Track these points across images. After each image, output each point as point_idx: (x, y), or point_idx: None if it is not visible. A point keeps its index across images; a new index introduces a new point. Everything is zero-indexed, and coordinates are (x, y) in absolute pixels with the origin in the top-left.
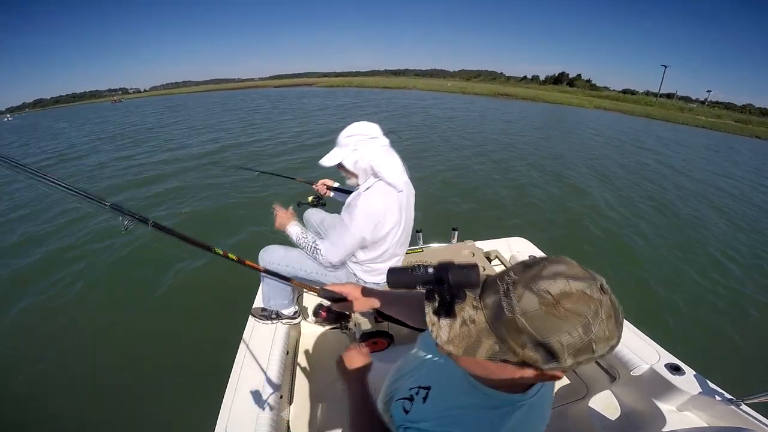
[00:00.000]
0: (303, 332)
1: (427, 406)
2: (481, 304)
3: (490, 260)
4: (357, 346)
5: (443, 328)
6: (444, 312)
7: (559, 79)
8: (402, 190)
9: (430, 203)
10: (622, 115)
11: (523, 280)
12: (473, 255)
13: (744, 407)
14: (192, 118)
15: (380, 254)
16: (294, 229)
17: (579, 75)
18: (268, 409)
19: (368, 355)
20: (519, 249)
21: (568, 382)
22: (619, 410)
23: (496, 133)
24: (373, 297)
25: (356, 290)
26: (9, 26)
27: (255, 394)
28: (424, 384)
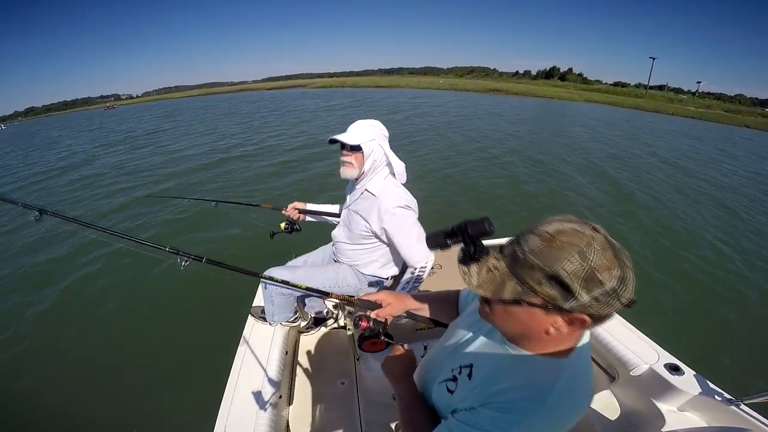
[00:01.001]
0: (303, 333)
1: (474, 382)
2: (500, 255)
3: None
4: (402, 347)
5: (473, 276)
6: (471, 259)
7: (550, 74)
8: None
9: (429, 202)
10: (613, 108)
11: (529, 229)
12: None
13: (744, 407)
14: (190, 123)
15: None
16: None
17: (570, 69)
18: (268, 409)
19: (413, 356)
20: None
21: None
22: (619, 410)
23: (482, 129)
24: (406, 299)
25: (389, 296)
26: None
27: (254, 394)
28: (465, 363)
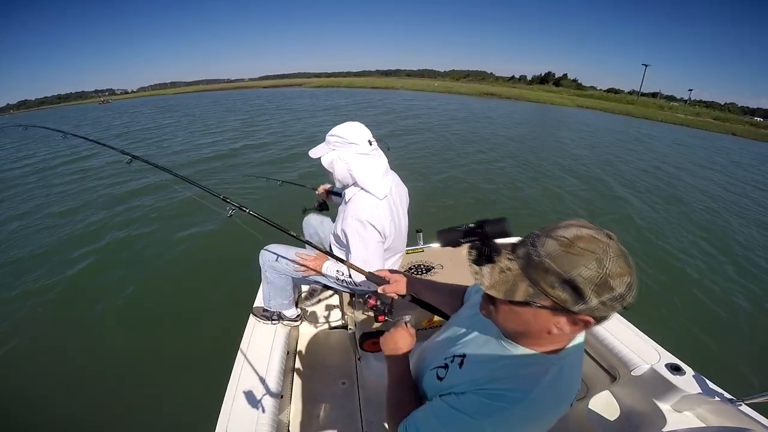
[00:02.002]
0: (303, 332)
1: (464, 371)
2: (514, 255)
3: None
4: (403, 325)
5: (485, 276)
6: (485, 259)
7: (545, 79)
8: (383, 197)
9: (428, 202)
10: (603, 113)
11: (545, 232)
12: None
13: (744, 407)
14: (190, 119)
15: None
16: (329, 265)
17: (565, 75)
18: (269, 410)
19: (413, 335)
20: None
21: None
22: (619, 410)
23: (472, 132)
24: (414, 282)
25: (397, 274)
26: None
27: (255, 394)
28: (459, 353)
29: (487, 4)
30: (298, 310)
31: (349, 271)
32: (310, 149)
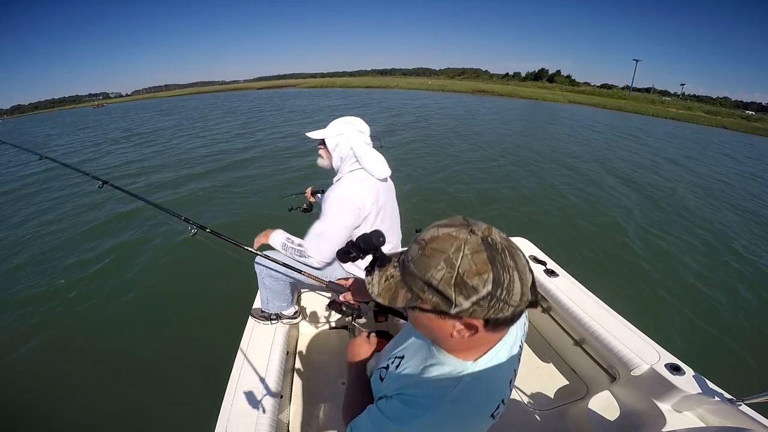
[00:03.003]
0: (303, 332)
1: (398, 373)
2: (398, 263)
3: None
4: (365, 335)
5: (374, 285)
6: (367, 270)
7: (539, 75)
8: (383, 179)
9: (429, 202)
10: (595, 108)
11: (415, 236)
12: None
13: (744, 407)
14: (188, 119)
15: None
16: (276, 237)
17: (558, 71)
18: (268, 410)
19: (373, 343)
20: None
21: (568, 383)
22: (619, 410)
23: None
24: None
25: (357, 282)
26: None
27: (255, 394)
28: (399, 355)
29: (487, 4)
30: (296, 308)
31: (299, 248)
32: (307, 132)
